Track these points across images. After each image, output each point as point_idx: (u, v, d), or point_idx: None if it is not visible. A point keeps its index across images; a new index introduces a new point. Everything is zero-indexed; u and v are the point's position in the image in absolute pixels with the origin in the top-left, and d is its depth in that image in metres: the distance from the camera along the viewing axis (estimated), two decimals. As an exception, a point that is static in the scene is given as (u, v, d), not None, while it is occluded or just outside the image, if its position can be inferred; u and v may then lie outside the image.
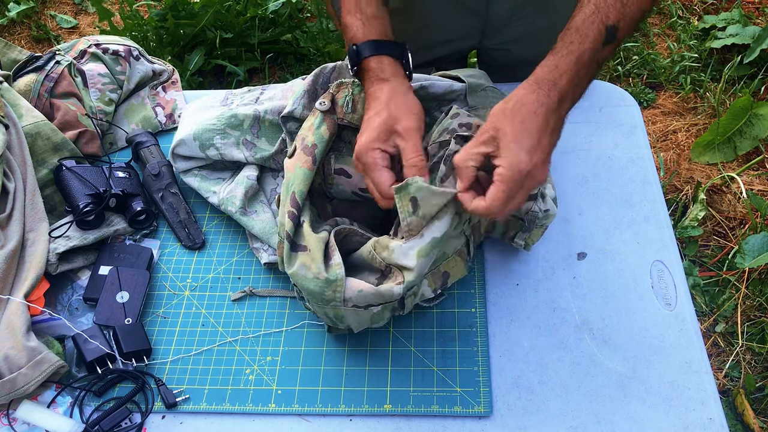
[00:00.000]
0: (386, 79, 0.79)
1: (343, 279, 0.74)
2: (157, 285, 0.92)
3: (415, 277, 0.75)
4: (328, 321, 0.82)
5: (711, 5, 2.49)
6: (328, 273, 0.73)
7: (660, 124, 2.15)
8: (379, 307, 0.76)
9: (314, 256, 0.74)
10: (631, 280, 0.88)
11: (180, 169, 0.99)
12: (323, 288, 0.74)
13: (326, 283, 0.73)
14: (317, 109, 0.84)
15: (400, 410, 0.78)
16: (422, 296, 0.81)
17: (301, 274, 0.75)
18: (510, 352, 0.83)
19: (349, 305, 0.75)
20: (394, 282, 0.74)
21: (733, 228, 1.86)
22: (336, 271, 0.74)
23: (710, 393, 0.78)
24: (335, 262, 0.74)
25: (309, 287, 0.74)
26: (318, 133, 0.82)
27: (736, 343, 1.61)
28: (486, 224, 0.87)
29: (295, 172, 0.80)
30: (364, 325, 0.80)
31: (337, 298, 0.74)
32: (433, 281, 0.81)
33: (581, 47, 0.73)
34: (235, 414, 0.80)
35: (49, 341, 0.83)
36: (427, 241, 0.74)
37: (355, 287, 0.74)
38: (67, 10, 2.73)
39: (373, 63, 0.80)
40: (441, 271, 0.81)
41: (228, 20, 2.25)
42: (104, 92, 1.10)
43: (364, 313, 0.76)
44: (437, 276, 0.81)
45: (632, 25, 0.76)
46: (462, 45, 1.17)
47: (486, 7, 1.07)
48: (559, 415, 0.77)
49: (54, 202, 0.97)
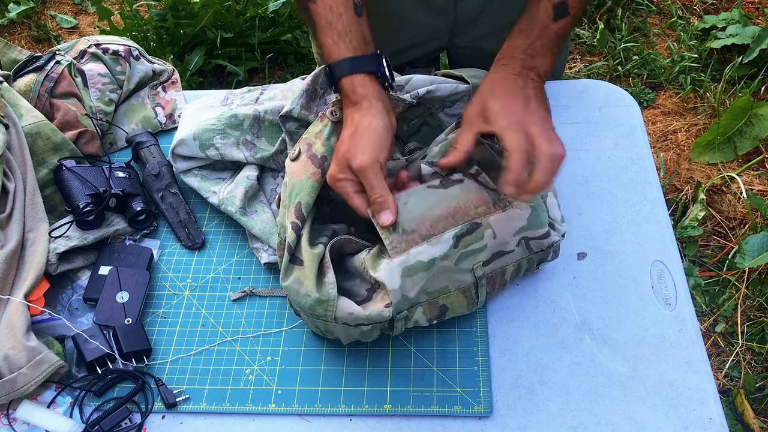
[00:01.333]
0: (356, 102, 0.78)
1: (335, 299, 0.74)
2: (157, 285, 0.92)
3: (400, 298, 0.74)
4: (317, 332, 0.82)
5: (711, 5, 2.50)
6: (320, 293, 0.74)
7: (660, 124, 2.16)
8: (369, 326, 0.76)
9: (308, 273, 0.74)
10: (631, 280, 0.88)
11: (180, 169, 0.99)
12: (314, 306, 0.74)
13: (318, 302, 0.74)
14: (328, 119, 0.82)
15: (400, 410, 0.78)
16: (416, 323, 0.79)
17: (294, 288, 0.75)
18: (510, 352, 0.83)
19: (339, 323, 0.75)
20: (382, 303, 0.74)
21: (733, 228, 1.86)
22: (328, 291, 0.74)
23: (710, 393, 0.78)
24: (329, 281, 0.75)
25: (301, 302, 0.75)
26: (328, 145, 0.81)
27: (736, 343, 1.61)
28: (511, 271, 0.82)
29: (302, 182, 0.79)
30: (353, 339, 0.81)
31: (328, 317, 0.75)
32: (429, 311, 0.78)
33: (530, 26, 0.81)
34: (235, 414, 0.80)
35: (49, 341, 0.83)
36: (412, 262, 0.73)
37: (346, 309, 0.74)
38: (67, 10, 2.73)
39: (345, 84, 0.79)
40: (439, 303, 0.78)
41: (228, 20, 2.25)
42: (104, 92, 1.10)
43: (354, 330, 0.77)
44: (434, 306, 0.78)
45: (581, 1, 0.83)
46: (432, 45, 1.17)
47: (454, 6, 1.08)
48: (559, 415, 0.77)
49: (54, 202, 0.97)
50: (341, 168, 0.76)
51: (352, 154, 0.75)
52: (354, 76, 0.79)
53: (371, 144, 0.75)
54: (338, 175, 0.76)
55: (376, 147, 0.76)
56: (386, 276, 0.73)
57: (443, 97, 0.90)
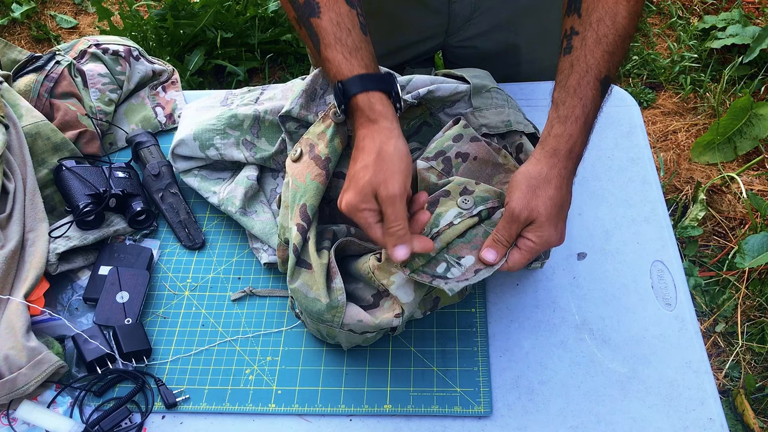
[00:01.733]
0: (375, 121, 0.74)
1: (344, 306, 0.74)
2: (157, 285, 0.92)
3: (413, 309, 0.76)
4: (317, 335, 0.83)
5: (711, 5, 2.50)
6: (330, 298, 0.74)
7: (660, 124, 2.16)
8: (374, 332, 0.77)
9: (317, 278, 0.75)
10: (631, 280, 0.88)
11: (180, 169, 0.99)
12: (322, 311, 0.74)
13: (327, 307, 0.74)
14: (332, 120, 0.81)
15: (400, 410, 0.78)
16: (411, 316, 0.81)
17: (302, 291, 0.75)
18: (510, 352, 0.83)
19: (345, 329, 0.76)
20: (392, 312, 0.75)
21: (733, 228, 1.86)
22: (338, 297, 0.74)
23: (710, 393, 0.78)
24: (337, 286, 0.75)
25: (308, 306, 0.75)
26: (332, 146, 0.81)
27: (736, 343, 1.61)
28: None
29: (306, 184, 0.79)
30: (354, 344, 0.81)
31: (335, 323, 0.75)
32: (424, 305, 0.82)
33: (585, 110, 0.75)
34: (235, 414, 0.80)
35: (49, 341, 0.83)
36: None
37: (355, 316, 0.74)
38: (67, 10, 2.73)
39: (361, 101, 0.74)
40: (433, 296, 0.82)
41: (228, 20, 2.25)
42: (104, 92, 1.10)
43: (358, 336, 0.78)
44: (428, 300, 0.82)
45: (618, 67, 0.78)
46: (427, 45, 1.17)
47: (447, 5, 1.07)
48: (559, 415, 0.77)
49: (54, 202, 0.97)
50: (364, 197, 0.71)
51: (380, 182, 0.70)
52: (371, 93, 0.74)
53: (401, 171, 0.71)
54: (361, 205, 0.71)
55: (405, 175, 0.72)
56: (400, 291, 0.75)
57: (444, 97, 0.90)
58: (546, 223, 0.73)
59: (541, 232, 0.74)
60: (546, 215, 0.73)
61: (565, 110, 0.75)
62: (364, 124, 0.75)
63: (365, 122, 0.75)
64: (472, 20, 1.10)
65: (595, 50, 0.75)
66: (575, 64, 0.75)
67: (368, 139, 0.73)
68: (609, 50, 0.75)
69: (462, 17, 1.09)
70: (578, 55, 0.75)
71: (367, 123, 0.74)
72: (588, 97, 0.75)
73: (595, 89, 0.75)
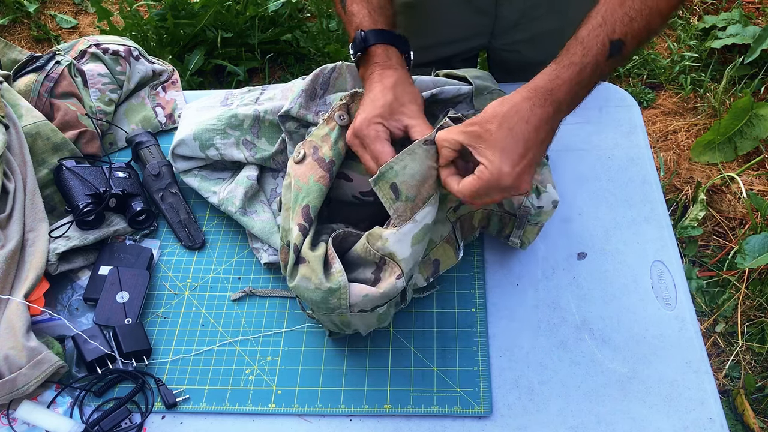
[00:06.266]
0: (393, 67, 0.81)
1: (347, 286, 0.74)
2: (157, 285, 0.92)
3: (412, 265, 0.75)
4: (334, 328, 0.82)
5: (711, 5, 2.49)
6: (330, 282, 0.73)
7: (660, 124, 2.15)
8: (384, 306, 0.76)
9: (314, 267, 0.74)
10: (631, 280, 0.88)
11: (180, 169, 0.99)
12: (327, 297, 0.74)
13: (329, 292, 0.73)
14: (336, 123, 0.82)
15: (400, 410, 0.78)
16: (414, 285, 0.82)
17: (302, 286, 0.75)
18: (510, 352, 0.83)
19: (356, 310, 0.75)
20: (393, 276, 0.74)
21: (733, 228, 1.86)
22: (338, 279, 0.74)
23: (710, 393, 0.78)
24: (336, 269, 0.74)
25: (312, 298, 0.75)
26: (336, 149, 0.81)
27: (736, 343, 1.61)
28: (480, 218, 0.87)
29: (309, 185, 0.79)
30: (372, 327, 0.80)
31: (342, 306, 0.74)
32: (425, 269, 0.82)
33: (584, 59, 0.72)
34: (235, 414, 0.80)
35: (49, 341, 0.83)
36: (420, 227, 0.74)
37: (360, 293, 0.74)
38: (67, 10, 2.73)
39: (379, 50, 0.82)
40: (431, 258, 0.82)
41: (228, 20, 2.25)
42: (104, 92, 1.10)
43: (371, 315, 0.77)
44: (428, 264, 0.82)
45: (638, 42, 0.74)
46: (471, 44, 1.17)
47: (494, 8, 1.07)
48: (559, 415, 0.77)
49: (54, 202, 0.97)
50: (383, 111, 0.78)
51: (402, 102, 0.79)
52: (389, 47, 0.82)
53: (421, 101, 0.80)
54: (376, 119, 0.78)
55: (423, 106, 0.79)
56: (396, 246, 0.73)
57: (446, 99, 0.90)
58: (497, 150, 0.69)
59: (492, 158, 0.69)
60: (497, 140, 0.69)
61: (563, 55, 0.73)
62: (379, 67, 0.81)
63: (381, 66, 0.81)
64: (519, 26, 1.10)
65: (617, 9, 0.72)
66: (593, 16, 0.73)
67: (385, 76, 0.80)
68: (631, 15, 0.72)
69: (509, 21, 1.09)
70: (599, 8, 0.73)
71: (383, 67, 0.81)
72: (592, 49, 0.72)
73: (602, 45, 0.71)
